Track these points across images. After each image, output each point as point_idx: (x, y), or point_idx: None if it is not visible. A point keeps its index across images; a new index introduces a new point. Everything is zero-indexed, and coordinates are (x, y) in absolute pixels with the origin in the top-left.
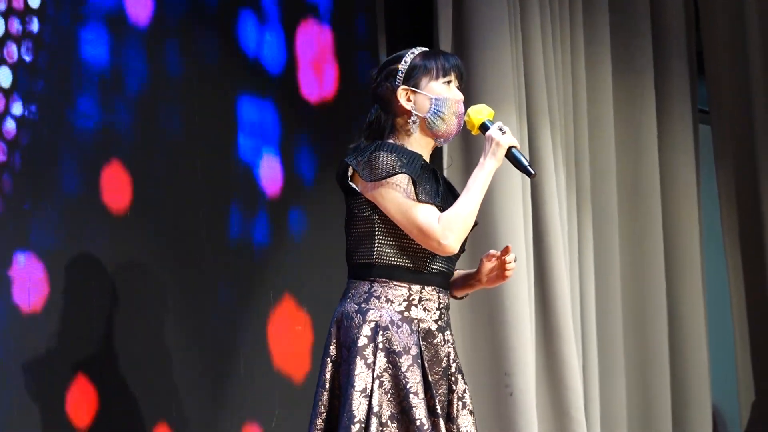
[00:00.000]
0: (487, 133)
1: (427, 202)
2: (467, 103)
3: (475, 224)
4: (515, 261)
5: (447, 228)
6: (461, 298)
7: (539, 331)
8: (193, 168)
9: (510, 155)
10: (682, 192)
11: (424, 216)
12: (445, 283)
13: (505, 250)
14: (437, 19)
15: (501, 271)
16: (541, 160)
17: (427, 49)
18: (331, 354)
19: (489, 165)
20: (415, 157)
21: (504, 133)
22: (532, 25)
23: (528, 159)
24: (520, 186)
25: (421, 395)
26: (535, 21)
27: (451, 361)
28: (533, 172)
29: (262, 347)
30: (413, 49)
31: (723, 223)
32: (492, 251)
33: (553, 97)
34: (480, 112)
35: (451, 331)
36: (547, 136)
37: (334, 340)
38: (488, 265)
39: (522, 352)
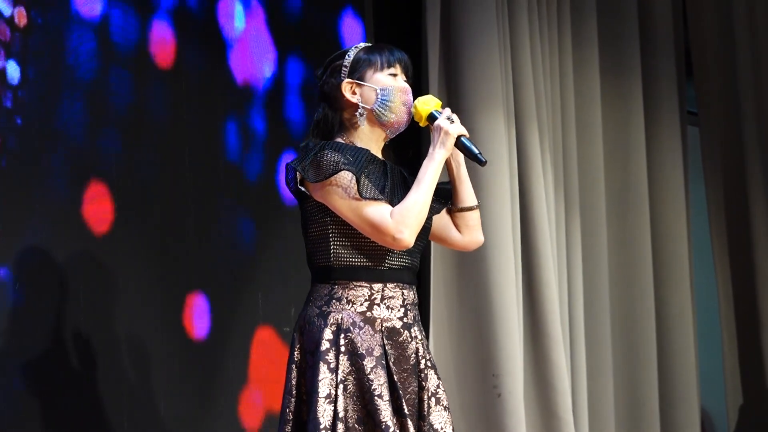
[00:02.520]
0: (435, 123)
1: (372, 198)
2: (456, 104)
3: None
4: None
5: (400, 223)
6: (472, 207)
7: (527, 332)
8: (182, 169)
9: (459, 144)
10: (670, 194)
11: (376, 212)
12: (410, 278)
13: None
14: (425, 24)
15: None
16: (529, 163)
17: (371, 44)
18: (296, 360)
19: (438, 155)
20: (361, 152)
21: (452, 122)
22: (520, 28)
23: (478, 147)
24: (509, 189)
25: (386, 397)
26: (523, 24)
27: (420, 358)
28: (484, 161)
29: (250, 345)
30: (357, 45)
31: (711, 225)
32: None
33: (541, 100)
34: (427, 103)
35: (420, 327)
36: (535, 139)
37: (298, 346)
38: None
39: (510, 353)
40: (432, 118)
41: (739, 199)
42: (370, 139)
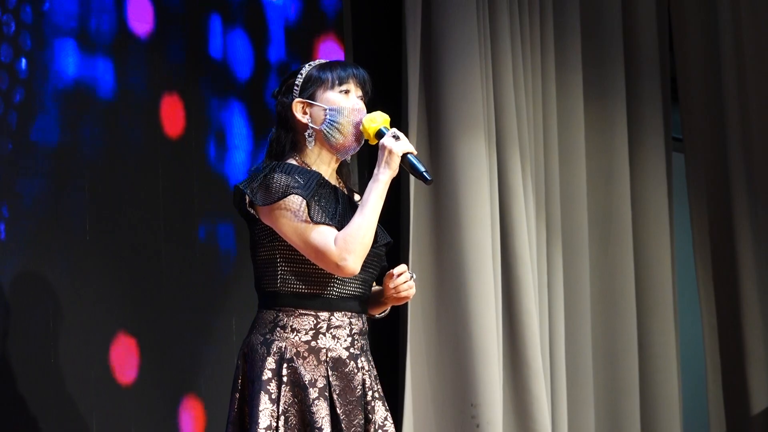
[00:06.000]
0: (380, 141)
1: (323, 223)
2: (437, 127)
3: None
4: (412, 279)
5: (344, 249)
6: (378, 317)
7: (507, 361)
8: (155, 182)
9: (405, 162)
10: (654, 220)
11: (320, 237)
12: (359, 307)
13: (395, 273)
14: (406, 45)
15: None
16: (510, 188)
17: (328, 60)
18: (239, 389)
19: (383, 176)
20: (312, 176)
21: (398, 139)
22: (502, 51)
23: (425, 166)
24: (489, 214)
25: (327, 430)
26: (505, 47)
27: (367, 389)
28: (429, 179)
29: (223, 371)
30: (312, 62)
31: (696, 253)
32: (392, 270)
33: (523, 124)
34: (373, 120)
35: (368, 357)
36: (516, 163)
37: (242, 374)
38: (390, 284)
39: (489, 383)
40: (380, 135)
41: (725, 227)
42: (323, 161)
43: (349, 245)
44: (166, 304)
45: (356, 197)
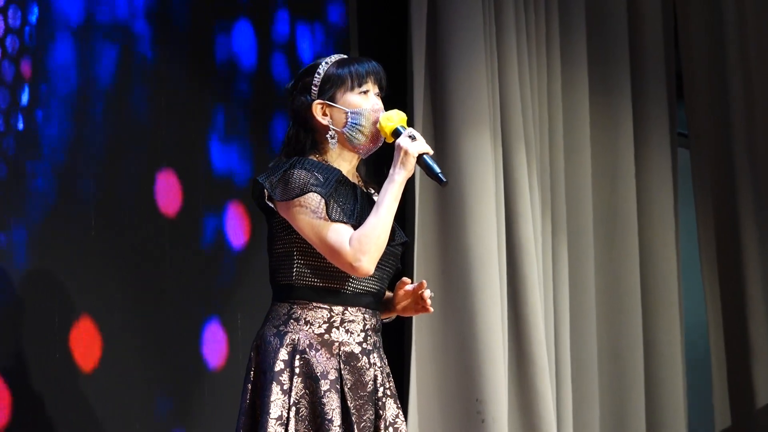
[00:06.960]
0: (396, 142)
1: (341, 221)
2: (442, 124)
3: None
4: (431, 297)
5: (358, 250)
6: (385, 320)
7: (512, 358)
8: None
9: (421, 163)
10: (659, 217)
11: (335, 236)
12: (374, 303)
13: (420, 285)
14: (411, 43)
15: (416, 305)
16: (515, 184)
17: (344, 57)
18: (251, 380)
19: (399, 177)
20: (333, 173)
21: (414, 139)
22: (508, 48)
23: (440, 167)
24: (494, 210)
25: (337, 422)
26: (511, 44)
27: (378, 385)
28: (445, 180)
29: (229, 366)
30: (328, 58)
31: (701, 249)
32: (405, 279)
33: (528, 121)
34: (390, 119)
35: (380, 354)
36: (522, 159)
37: (254, 365)
38: (400, 293)
39: (494, 379)
40: (396, 133)
41: (730, 223)
42: (343, 160)
43: (363, 246)
44: (172, 300)
45: (372, 190)
